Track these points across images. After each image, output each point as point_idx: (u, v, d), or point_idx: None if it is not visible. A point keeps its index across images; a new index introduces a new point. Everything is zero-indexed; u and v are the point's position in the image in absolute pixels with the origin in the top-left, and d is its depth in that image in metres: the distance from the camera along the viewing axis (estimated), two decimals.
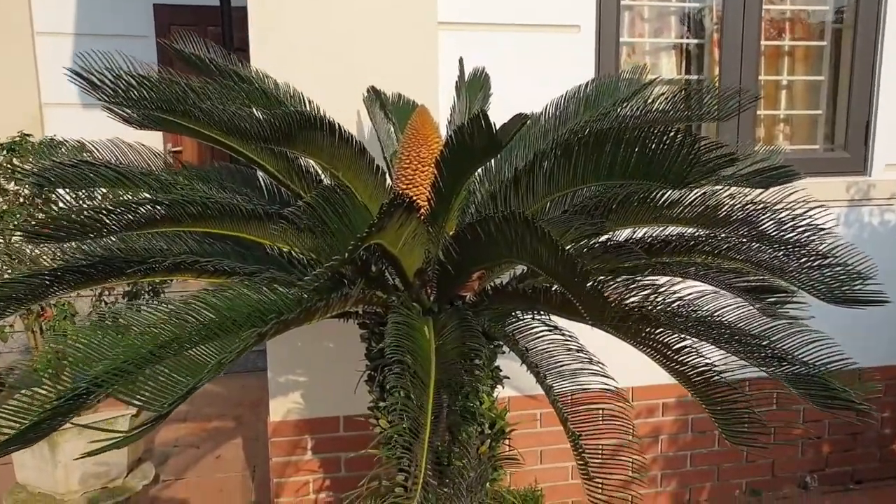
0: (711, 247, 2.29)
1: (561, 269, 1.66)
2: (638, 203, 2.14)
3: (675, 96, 2.29)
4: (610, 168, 1.92)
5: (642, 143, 1.82)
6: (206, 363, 1.56)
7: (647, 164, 1.83)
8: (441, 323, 2.12)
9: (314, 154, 2.03)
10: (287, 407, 3.59)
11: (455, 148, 1.99)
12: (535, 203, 2.17)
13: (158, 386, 1.53)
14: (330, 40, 3.30)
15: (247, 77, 2.38)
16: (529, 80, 3.56)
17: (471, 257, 2.11)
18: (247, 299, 1.73)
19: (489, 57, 3.39)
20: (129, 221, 1.92)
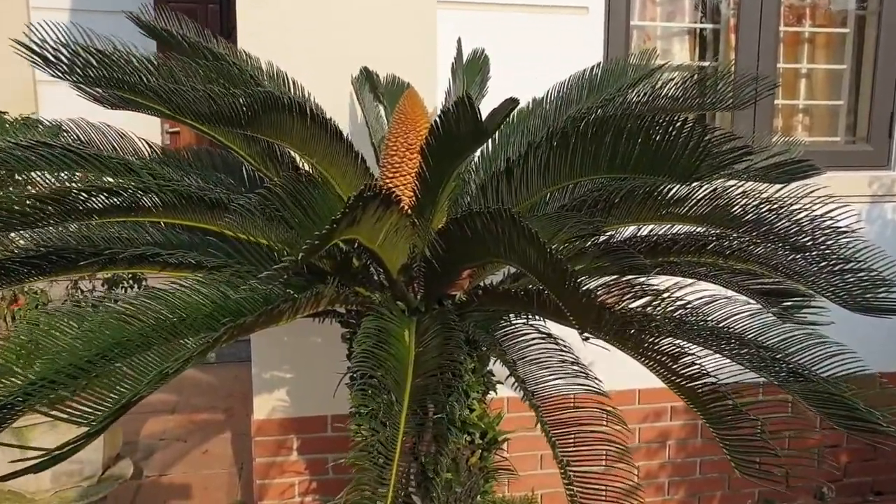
0: (722, 247, 2.10)
1: (549, 273, 1.47)
2: (642, 199, 1.95)
3: (686, 81, 2.09)
4: (611, 161, 1.73)
5: (646, 134, 1.62)
6: (146, 373, 1.37)
7: (652, 157, 1.63)
8: (424, 326, 1.93)
9: (282, 139, 1.84)
10: (272, 405, 3.42)
11: (440, 135, 1.80)
12: (530, 197, 1.98)
13: (91, 398, 1.34)
14: (321, 17, 3.10)
15: (220, 55, 2.19)
16: (534, 64, 3.35)
17: (457, 255, 1.93)
18: (199, 299, 1.54)
19: (492, 39, 3.19)
20: (71, 211, 1.74)
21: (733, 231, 1.89)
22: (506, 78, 3.08)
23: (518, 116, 2.72)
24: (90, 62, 1.85)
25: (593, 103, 2.33)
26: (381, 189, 1.65)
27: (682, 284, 1.99)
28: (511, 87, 3.00)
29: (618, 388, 1.99)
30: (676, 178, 1.61)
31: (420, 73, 3.07)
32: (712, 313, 1.99)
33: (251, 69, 2.27)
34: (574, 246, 1.68)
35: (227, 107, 1.60)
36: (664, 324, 1.90)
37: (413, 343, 1.87)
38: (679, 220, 1.96)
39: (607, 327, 1.64)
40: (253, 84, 2.22)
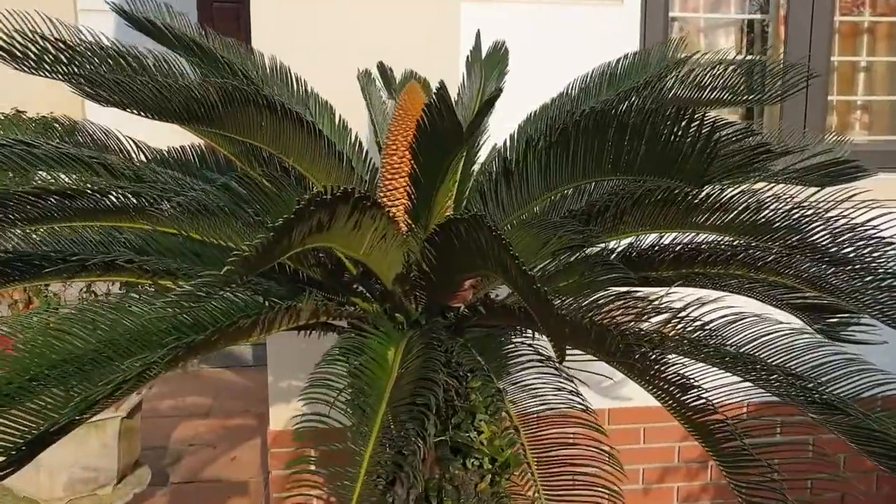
0: (753, 258, 1.87)
1: (525, 287, 1.28)
2: (659, 204, 1.73)
3: (716, 69, 1.86)
4: (615, 161, 1.53)
5: (652, 130, 1.41)
6: (68, 402, 1.22)
7: (658, 157, 1.42)
8: (410, 345, 1.74)
9: (250, 136, 1.67)
10: (289, 415, 3.27)
11: (425, 132, 1.62)
12: (531, 201, 1.79)
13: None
14: (337, 9, 2.95)
15: (209, 49, 2.04)
16: (564, 60, 3.13)
17: (448, 264, 1.75)
18: (137, 316, 1.38)
19: (519, 32, 3.00)
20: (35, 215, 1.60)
21: (762, 240, 1.66)
22: (534, 74, 2.89)
23: (540, 111, 2.53)
24: (60, 58, 1.72)
25: (611, 96, 2.12)
26: (353, 191, 1.47)
27: (707, 298, 1.79)
28: (540, 84, 2.84)
29: (654, 403, 1.79)
30: (686, 180, 1.40)
31: (442, 67, 2.89)
32: (735, 334, 1.77)
33: (241, 64, 2.11)
34: (561, 260, 1.48)
35: (184, 102, 1.44)
36: (680, 345, 1.69)
37: (397, 363, 1.69)
38: (700, 229, 1.74)
39: (598, 349, 1.44)
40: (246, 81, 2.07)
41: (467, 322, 2.02)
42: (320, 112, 2.47)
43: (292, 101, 2.38)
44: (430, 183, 1.78)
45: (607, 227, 1.86)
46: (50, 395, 1.24)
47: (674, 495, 3.61)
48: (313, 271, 1.97)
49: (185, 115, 1.48)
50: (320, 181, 1.88)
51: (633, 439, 3.49)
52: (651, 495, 3.59)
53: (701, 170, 1.35)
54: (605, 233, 1.86)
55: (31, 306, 3.25)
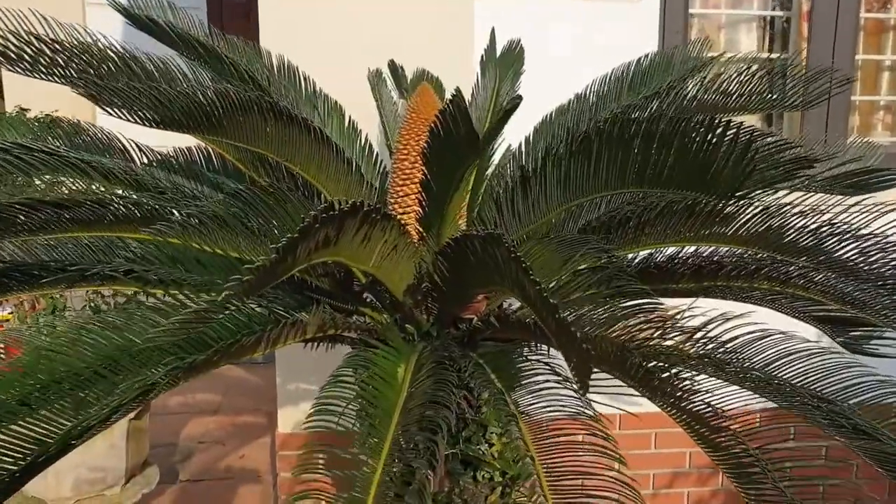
0: (778, 272, 1.79)
1: (547, 315, 1.21)
2: (681, 216, 1.65)
3: (742, 75, 1.78)
4: (640, 172, 1.45)
5: (681, 140, 1.33)
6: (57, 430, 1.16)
7: (689, 169, 1.35)
8: (420, 362, 1.67)
9: (255, 144, 1.60)
10: (297, 418, 3.21)
11: (439, 138, 1.54)
12: (550, 211, 1.71)
13: None
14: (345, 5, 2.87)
15: (213, 49, 1.96)
16: (580, 58, 3.07)
17: (461, 278, 1.67)
18: (136, 334, 1.31)
19: (534, 29, 2.92)
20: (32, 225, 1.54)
21: (787, 257, 1.58)
22: (550, 72, 2.81)
23: (556, 114, 2.45)
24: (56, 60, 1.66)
25: (632, 101, 2.04)
26: (362, 204, 1.40)
27: (731, 314, 1.71)
28: (556, 83, 2.75)
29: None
30: (717, 193, 1.33)
31: (454, 68, 2.82)
32: (760, 353, 1.69)
33: (247, 65, 2.04)
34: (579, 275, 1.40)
35: (181, 109, 1.37)
36: (702, 364, 1.62)
37: (407, 382, 1.62)
38: (723, 242, 1.66)
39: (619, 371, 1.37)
40: (250, 82, 2.00)
41: (480, 335, 1.95)
42: (329, 113, 2.40)
43: (300, 102, 2.31)
44: (442, 191, 1.71)
45: (628, 239, 1.79)
46: (41, 420, 1.17)
47: (684, 500, 3.54)
48: (321, 281, 1.90)
49: (185, 123, 1.41)
50: (328, 188, 1.81)
51: (643, 444, 3.43)
52: (660, 500, 3.52)
53: (736, 183, 1.27)
54: (626, 244, 1.79)
55: (38, 307, 3.20)
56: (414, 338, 1.98)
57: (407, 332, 1.99)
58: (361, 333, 1.90)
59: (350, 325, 1.83)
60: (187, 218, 1.47)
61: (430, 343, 1.93)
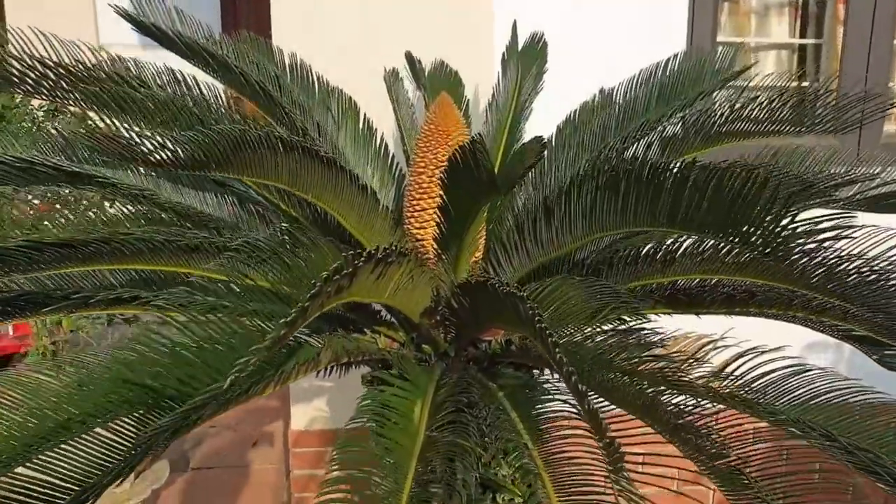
0: (814, 302, 1.70)
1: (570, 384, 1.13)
2: (712, 253, 1.56)
3: (773, 102, 1.66)
4: (671, 213, 1.35)
5: (715, 188, 1.24)
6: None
7: (722, 217, 1.25)
8: (439, 399, 1.60)
9: (265, 177, 1.52)
10: (311, 415, 3.17)
11: (455, 175, 1.45)
12: (574, 241, 1.62)
13: None
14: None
15: (221, 59, 1.86)
16: (604, 48, 2.94)
17: (479, 316, 1.60)
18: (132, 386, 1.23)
19: (556, 19, 2.79)
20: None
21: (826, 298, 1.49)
22: (572, 66, 2.69)
23: (580, 115, 2.34)
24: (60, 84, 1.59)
25: (661, 115, 1.93)
26: (376, 250, 1.32)
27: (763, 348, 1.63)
28: (578, 76, 2.64)
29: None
30: (754, 247, 1.23)
31: (473, 60, 2.71)
32: (793, 391, 1.60)
33: (257, 74, 1.94)
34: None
35: (186, 153, 1.28)
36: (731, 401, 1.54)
37: (424, 420, 1.55)
38: (756, 277, 1.56)
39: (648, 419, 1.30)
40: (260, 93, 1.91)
41: (500, 358, 1.87)
42: (344, 114, 2.30)
43: (313, 105, 2.22)
44: (461, 218, 1.62)
45: (656, 269, 1.70)
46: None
47: (709, 499, 3.48)
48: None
49: (188, 165, 1.32)
50: (343, 215, 1.73)
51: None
52: (683, 500, 3.46)
53: (772, 240, 1.18)
54: (653, 273, 1.70)
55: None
56: (431, 358, 1.91)
57: (423, 351, 1.92)
58: (375, 363, 1.84)
59: (362, 352, 1.76)
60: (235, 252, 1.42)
61: (447, 365, 1.86)
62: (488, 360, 1.90)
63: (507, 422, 1.56)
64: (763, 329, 1.81)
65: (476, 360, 1.92)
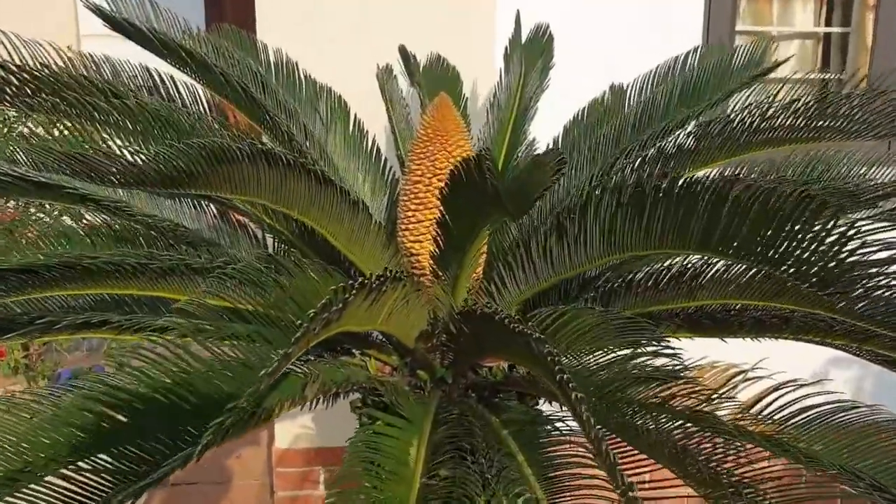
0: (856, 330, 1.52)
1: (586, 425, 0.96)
2: (746, 277, 1.38)
3: (809, 109, 1.48)
4: (704, 236, 1.18)
5: (759, 212, 1.07)
6: None
7: (771, 245, 1.08)
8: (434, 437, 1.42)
9: (246, 193, 1.33)
10: (295, 433, 3.00)
11: (458, 190, 1.27)
12: (588, 262, 1.44)
13: None
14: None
15: (200, 56, 1.68)
16: (612, 36, 2.75)
17: (481, 346, 1.43)
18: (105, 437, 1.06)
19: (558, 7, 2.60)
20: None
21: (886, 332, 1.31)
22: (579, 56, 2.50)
23: (589, 115, 2.16)
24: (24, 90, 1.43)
25: (684, 119, 1.74)
26: (370, 280, 1.14)
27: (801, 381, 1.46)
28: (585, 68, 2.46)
29: None
30: (807, 282, 1.06)
31: (472, 53, 2.53)
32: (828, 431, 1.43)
33: (239, 74, 1.76)
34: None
35: (154, 168, 1.10)
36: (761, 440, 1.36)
37: (421, 463, 1.37)
38: (797, 305, 1.38)
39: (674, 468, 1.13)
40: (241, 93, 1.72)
41: (502, 386, 1.70)
42: (333, 114, 2.12)
43: (299, 106, 2.03)
44: (462, 237, 1.45)
45: (681, 293, 1.52)
46: None
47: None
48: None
49: (160, 183, 1.14)
50: (332, 233, 1.55)
51: None
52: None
53: (831, 277, 1.01)
54: (678, 297, 1.52)
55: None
56: (426, 385, 1.73)
57: (418, 377, 1.74)
58: (366, 390, 1.66)
59: (352, 382, 1.58)
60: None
61: (444, 393, 1.68)
62: (489, 389, 1.73)
63: (513, 467, 1.38)
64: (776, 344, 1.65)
65: (475, 387, 1.75)
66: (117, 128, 1.36)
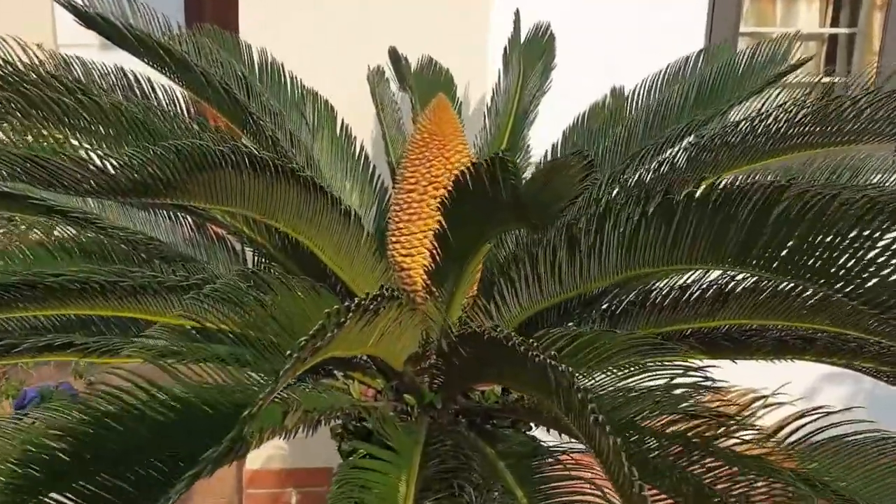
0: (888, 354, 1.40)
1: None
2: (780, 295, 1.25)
3: (844, 110, 1.35)
4: (742, 248, 1.05)
5: (815, 221, 0.93)
6: None
7: (825, 263, 0.95)
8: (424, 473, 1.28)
9: (227, 203, 1.19)
10: (267, 452, 2.83)
11: (466, 198, 1.14)
12: (603, 279, 1.31)
13: None
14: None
15: (180, 55, 1.53)
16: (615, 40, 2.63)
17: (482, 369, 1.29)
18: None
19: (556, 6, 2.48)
20: None
21: None
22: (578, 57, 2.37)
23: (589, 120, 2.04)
24: None
25: (700, 121, 1.61)
26: (360, 304, 1.00)
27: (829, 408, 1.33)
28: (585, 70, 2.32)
29: None
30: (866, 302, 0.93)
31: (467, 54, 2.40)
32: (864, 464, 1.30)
33: (221, 75, 1.61)
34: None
35: (130, 176, 0.95)
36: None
37: (411, 497, 1.23)
38: (844, 327, 1.25)
39: None
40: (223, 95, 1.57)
41: (497, 413, 1.56)
42: (319, 118, 1.98)
43: (285, 108, 1.89)
44: (463, 250, 1.31)
45: (701, 312, 1.39)
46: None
47: None
48: None
49: (131, 191, 1.00)
50: (320, 246, 1.40)
51: None
52: None
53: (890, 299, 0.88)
54: (698, 318, 1.39)
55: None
56: (413, 411, 1.59)
57: (405, 401, 1.60)
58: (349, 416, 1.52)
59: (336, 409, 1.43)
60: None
61: (434, 419, 1.54)
62: (482, 415, 1.59)
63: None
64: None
65: (466, 412, 1.61)
66: (87, 131, 1.22)
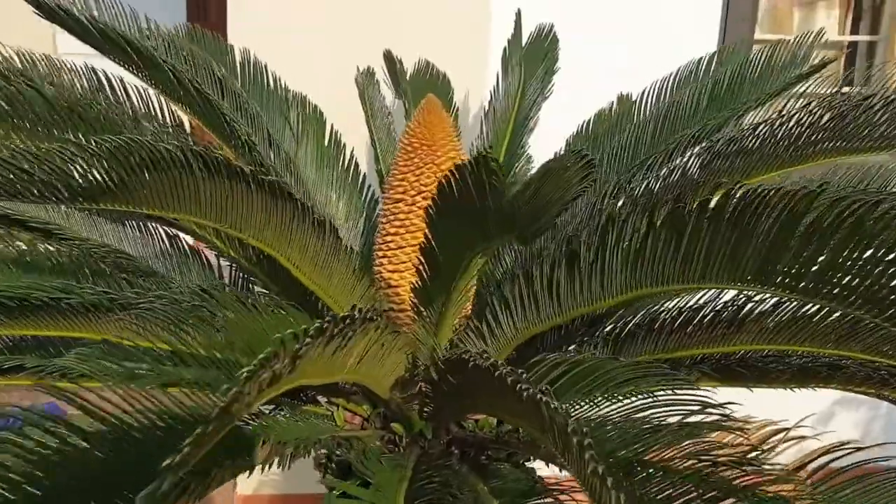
0: None
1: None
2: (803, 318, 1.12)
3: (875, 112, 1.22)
4: (765, 264, 0.91)
5: (854, 233, 0.80)
6: None
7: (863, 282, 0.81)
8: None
9: (182, 210, 1.05)
10: (258, 478, 2.70)
11: (451, 206, 1.00)
12: (607, 299, 1.17)
13: None
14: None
15: (147, 51, 1.41)
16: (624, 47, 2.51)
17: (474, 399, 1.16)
18: None
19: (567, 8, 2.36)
20: None
21: None
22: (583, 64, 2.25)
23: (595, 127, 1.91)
24: None
25: (714, 125, 1.48)
26: (325, 324, 0.86)
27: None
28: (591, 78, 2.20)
29: None
30: None
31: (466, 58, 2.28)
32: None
33: (192, 73, 1.49)
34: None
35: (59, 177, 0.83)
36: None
37: None
38: (866, 354, 1.11)
39: None
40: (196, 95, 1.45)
41: (492, 445, 1.42)
42: (305, 124, 1.85)
43: (267, 114, 1.77)
44: (452, 266, 1.18)
45: (714, 336, 1.25)
46: None
47: None
48: None
49: (66, 197, 0.87)
50: (293, 260, 1.27)
51: None
52: None
53: None
54: (712, 342, 1.25)
55: None
56: (401, 442, 1.45)
57: (393, 430, 1.47)
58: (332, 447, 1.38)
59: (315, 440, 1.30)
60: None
61: (423, 451, 1.40)
62: (476, 446, 1.45)
63: None
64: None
65: (459, 443, 1.47)
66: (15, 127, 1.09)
